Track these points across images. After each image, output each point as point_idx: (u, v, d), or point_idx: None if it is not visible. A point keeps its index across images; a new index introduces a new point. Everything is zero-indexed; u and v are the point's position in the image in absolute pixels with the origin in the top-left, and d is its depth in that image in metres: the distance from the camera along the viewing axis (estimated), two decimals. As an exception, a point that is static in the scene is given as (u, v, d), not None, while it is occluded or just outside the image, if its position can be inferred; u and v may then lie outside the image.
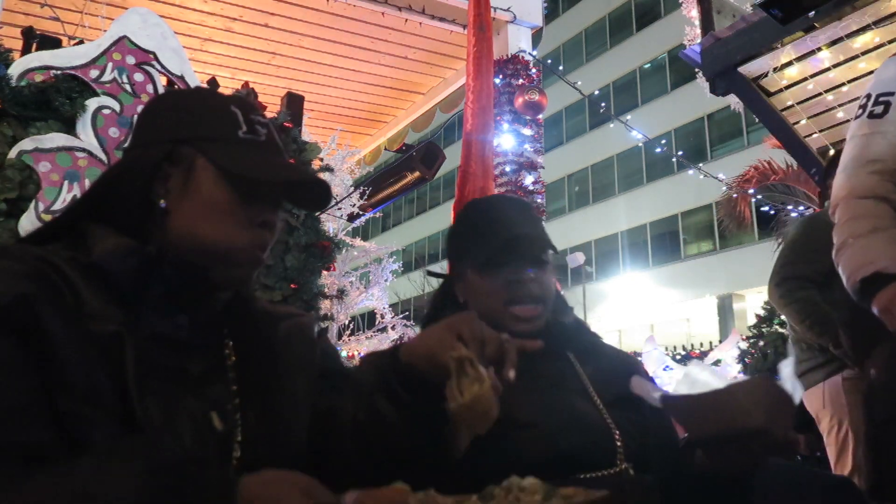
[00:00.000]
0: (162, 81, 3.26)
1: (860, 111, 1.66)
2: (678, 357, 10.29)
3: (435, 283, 1.28)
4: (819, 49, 4.11)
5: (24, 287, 0.74)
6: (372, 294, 6.53)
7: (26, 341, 0.73)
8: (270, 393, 0.93)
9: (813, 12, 3.56)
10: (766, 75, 4.35)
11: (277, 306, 1.07)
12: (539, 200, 5.59)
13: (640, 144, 17.02)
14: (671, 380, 6.84)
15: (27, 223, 2.73)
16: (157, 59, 3.26)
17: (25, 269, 0.78)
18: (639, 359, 1.30)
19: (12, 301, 0.73)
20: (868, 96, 1.66)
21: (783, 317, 2.53)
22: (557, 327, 1.19)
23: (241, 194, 0.89)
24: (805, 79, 4.33)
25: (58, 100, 2.89)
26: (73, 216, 0.90)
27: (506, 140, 5.52)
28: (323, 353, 1.04)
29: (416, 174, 5.81)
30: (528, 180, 5.52)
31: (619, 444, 1.06)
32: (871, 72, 4.10)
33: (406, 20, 5.66)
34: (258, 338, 0.96)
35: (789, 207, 9.00)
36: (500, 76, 5.63)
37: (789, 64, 4.26)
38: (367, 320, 7.38)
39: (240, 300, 0.96)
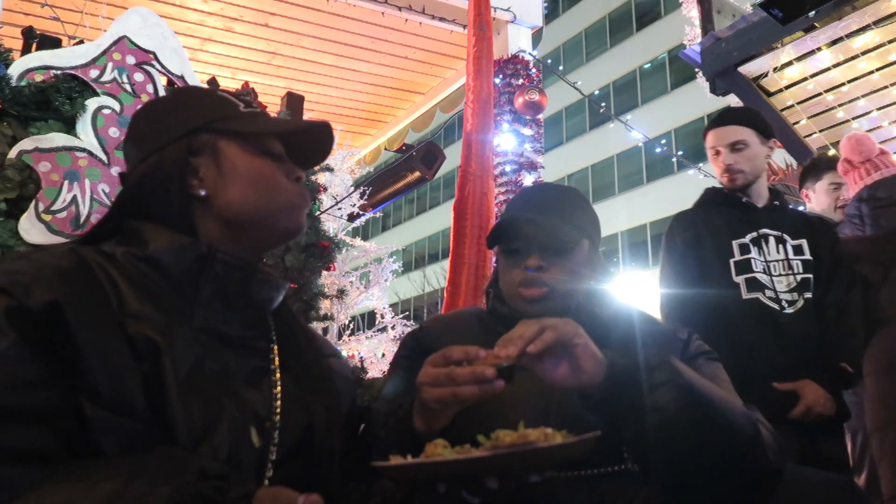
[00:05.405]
0: (162, 81, 3.26)
1: None
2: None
3: (434, 282, 1.29)
4: (819, 49, 4.11)
5: (58, 292, 0.74)
6: (372, 294, 6.52)
7: (52, 349, 0.72)
8: (312, 413, 0.92)
9: (813, 12, 3.56)
10: (766, 75, 4.35)
11: (317, 333, 1.10)
12: (539, 200, 5.57)
13: (640, 144, 17.01)
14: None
15: (27, 223, 2.73)
16: (157, 59, 3.26)
17: (64, 267, 0.77)
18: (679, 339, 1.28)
19: (43, 308, 0.72)
20: None
21: None
22: (587, 318, 1.15)
23: (271, 157, 0.95)
24: (805, 79, 4.34)
25: (58, 100, 2.88)
26: (119, 216, 0.91)
27: (506, 140, 5.51)
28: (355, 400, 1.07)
29: (416, 174, 5.81)
30: (528, 180, 5.51)
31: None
32: (872, 72, 4.11)
33: (406, 20, 5.65)
34: (302, 349, 0.97)
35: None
36: (500, 76, 5.62)
37: (789, 64, 4.26)
38: (367, 320, 7.37)
39: (287, 309, 0.98)
